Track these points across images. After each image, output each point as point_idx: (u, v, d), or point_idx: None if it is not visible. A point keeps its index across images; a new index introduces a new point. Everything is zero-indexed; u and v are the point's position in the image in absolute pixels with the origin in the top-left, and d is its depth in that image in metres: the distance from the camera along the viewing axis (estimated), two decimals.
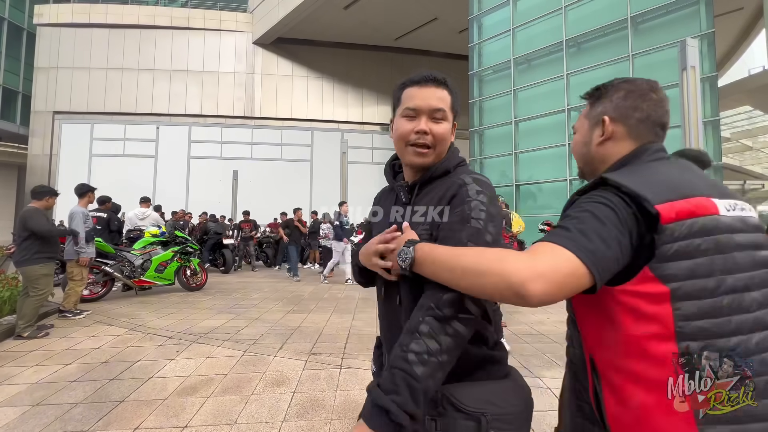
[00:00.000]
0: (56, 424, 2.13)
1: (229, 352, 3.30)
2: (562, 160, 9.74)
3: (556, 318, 4.70)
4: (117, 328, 4.05)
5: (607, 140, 0.81)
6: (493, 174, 11.58)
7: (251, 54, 16.70)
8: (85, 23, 16.15)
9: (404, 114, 0.87)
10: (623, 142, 0.80)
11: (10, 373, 2.86)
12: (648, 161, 0.76)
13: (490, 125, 11.53)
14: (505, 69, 11.10)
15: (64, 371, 2.90)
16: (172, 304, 5.32)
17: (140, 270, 5.82)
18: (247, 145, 16.27)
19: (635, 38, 8.67)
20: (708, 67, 7.67)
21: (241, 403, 2.36)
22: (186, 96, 16.29)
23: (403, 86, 0.92)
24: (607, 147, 0.81)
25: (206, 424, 2.12)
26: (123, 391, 2.53)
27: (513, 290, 0.58)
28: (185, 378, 2.76)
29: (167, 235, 6.37)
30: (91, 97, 15.97)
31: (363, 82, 17.35)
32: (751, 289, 0.63)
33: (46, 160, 15.63)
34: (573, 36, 9.66)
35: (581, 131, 0.88)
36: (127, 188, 13.20)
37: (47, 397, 2.45)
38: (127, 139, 15.93)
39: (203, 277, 6.65)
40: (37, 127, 15.82)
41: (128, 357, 3.19)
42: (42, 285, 3.90)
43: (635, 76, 6.74)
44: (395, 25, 15.46)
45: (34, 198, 4.14)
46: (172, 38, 16.39)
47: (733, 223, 0.65)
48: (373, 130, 17.32)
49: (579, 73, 9.60)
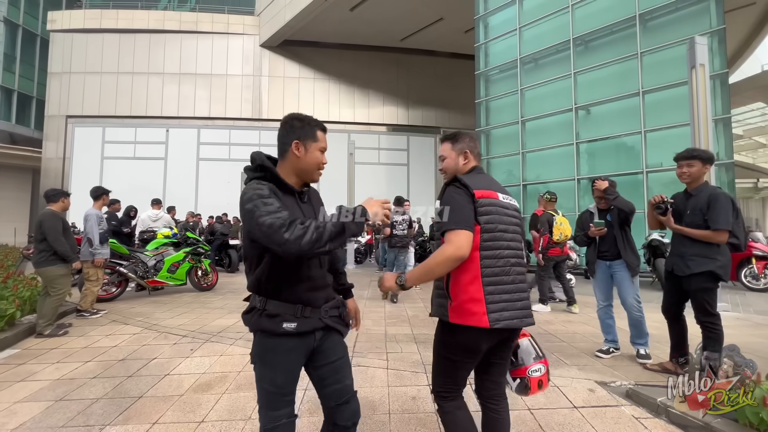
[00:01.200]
0: (79, 418, 2.21)
1: (241, 350, 3.38)
2: (569, 159, 9.68)
3: (563, 317, 4.71)
4: (133, 327, 4.16)
5: (467, 164, 1.55)
6: (501, 173, 11.54)
7: (258, 56, 16.87)
8: (97, 29, 16.46)
9: (320, 149, 1.37)
10: (471, 163, 1.55)
11: (33, 370, 2.97)
12: (476, 173, 1.53)
13: (496, 125, 11.49)
14: (512, 68, 11.06)
15: (83, 368, 3.00)
16: (184, 304, 5.44)
17: (153, 270, 5.95)
18: (255, 147, 16.36)
19: (644, 36, 8.58)
20: (719, 64, 7.56)
21: (254, 400, 2.42)
22: (195, 99, 16.52)
23: (316, 126, 1.38)
24: (465, 167, 1.55)
25: (222, 419, 2.19)
26: (141, 388, 2.61)
27: (454, 259, 1.30)
28: (200, 375, 2.84)
29: (179, 237, 6.50)
30: (103, 101, 16.27)
31: (369, 83, 17.42)
32: (508, 231, 1.42)
33: (59, 163, 15.97)
34: (580, 34, 9.59)
35: (451, 157, 1.57)
36: (138, 190, 13.42)
37: (69, 393, 2.55)
38: (137, 141, 16.21)
39: (214, 277, 6.77)
40: (51, 131, 16.17)
41: (144, 355, 3.28)
42: (60, 285, 4.02)
43: (644, 74, 6.70)
44: (401, 25, 15.49)
45: (49, 201, 4.24)
46: (181, 42, 16.64)
47: (503, 202, 1.45)
48: (379, 131, 17.38)
49: (586, 71, 9.53)
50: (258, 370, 1.29)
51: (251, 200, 1.19)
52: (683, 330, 2.84)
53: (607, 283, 3.28)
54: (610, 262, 3.23)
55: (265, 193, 1.21)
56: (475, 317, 1.29)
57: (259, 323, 1.27)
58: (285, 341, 1.27)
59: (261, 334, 1.28)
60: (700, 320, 2.61)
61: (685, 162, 2.73)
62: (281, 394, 1.27)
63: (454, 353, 1.40)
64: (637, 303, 3.11)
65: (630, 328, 3.17)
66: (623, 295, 3.16)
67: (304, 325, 1.28)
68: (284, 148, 1.36)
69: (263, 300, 1.27)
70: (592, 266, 3.36)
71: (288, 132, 1.35)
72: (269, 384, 1.26)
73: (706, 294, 2.58)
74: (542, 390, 1.52)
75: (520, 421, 2.14)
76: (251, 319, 1.29)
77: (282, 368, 1.27)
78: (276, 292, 1.27)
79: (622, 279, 3.15)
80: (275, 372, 1.26)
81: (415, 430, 2.07)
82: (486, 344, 1.36)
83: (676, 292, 2.78)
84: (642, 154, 8.46)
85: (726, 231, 2.50)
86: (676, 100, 8.00)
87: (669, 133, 8.16)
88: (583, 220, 3.50)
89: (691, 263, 2.58)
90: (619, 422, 2.13)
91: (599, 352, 3.25)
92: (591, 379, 2.71)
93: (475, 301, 1.30)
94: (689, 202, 2.70)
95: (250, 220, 1.17)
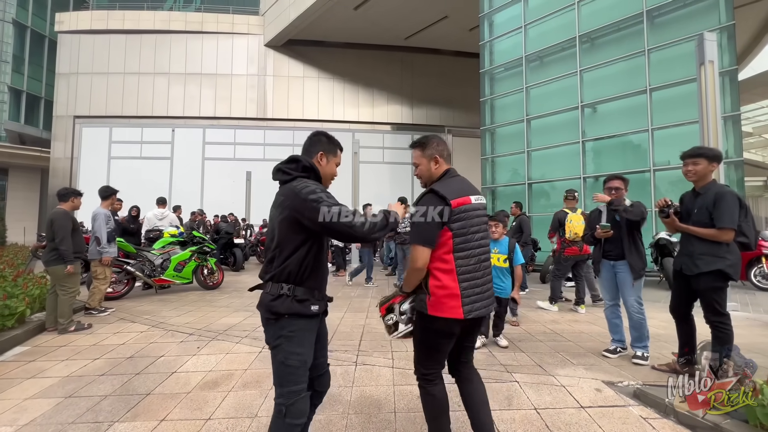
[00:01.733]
0: (88, 414, 2.24)
1: (247, 348, 3.40)
2: (575, 157, 9.59)
3: (570, 317, 4.67)
4: (140, 325, 4.20)
5: (438, 167, 1.70)
6: (505, 172, 11.48)
7: (263, 56, 16.91)
8: (103, 29, 16.60)
9: (336, 163, 1.68)
10: (442, 167, 1.70)
11: (43, 367, 3.01)
12: (450, 177, 1.68)
13: (501, 123, 11.43)
14: (517, 66, 10.98)
15: (92, 365, 3.03)
16: (190, 302, 5.48)
17: (160, 269, 6.00)
18: (260, 147, 16.50)
19: (651, 33, 8.47)
20: (728, 61, 7.45)
21: (260, 398, 2.44)
22: (200, 99, 16.61)
23: (338, 146, 1.70)
24: (437, 171, 1.70)
25: (228, 416, 2.21)
26: (148, 385, 2.64)
27: (415, 271, 1.55)
28: (207, 373, 2.86)
29: (185, 236, 6.55)
30: (110, 102, 16.41)
31: (373, 82, 17.38)
32: (479, 231, 1.62)
33: (67, 163, 16.14)
34: (586, 32, 9.50)
35: (423, 164, 1.72)
36: (145, 189, 13.52)
37: (78, 390, 2.58)
38: (144, 141, 16.33)
39: (220, 276, 6.81)
40: (59, 131, 16.33)
41: (152, 352, 3.31)
42: (70, 284, 4.06)
43: (651, 71, 6.62)
44: (405, 24, 15.43)
45: (60, 200, 4.31)
46: (186, 42, 16.72)
47: (474, 204, 1.62)
48: (384, 130, 17.35)
49: (593, 69, 9.44)
50: (284, 350, 1.45)
51: (315, 192, 1.42)
52: (692, 330, 2.81)
53: (612, 282, 3.25)
54: (614, 262, 3.20)
55: (325, 189, 1.49)
56: (452, 310, 1.53)
57: (291, 307, 1.45)
58: (310, 322, 1.50)
59: (291, 317, 1.45)
60: (710, 320, 2.58)
61: (690, 160, 2.70)
62: (304, 368, 1.48)
63: (434, 339, 1.62)
64: (638, 305, 3.08)
65: (630, 330, 3.14)
66: (624, 296, 3.14)
67: (322, 307, 1.55)
68: (309, 156, 1.60)
69: (291, 287, 1.46)
70: (597, 265, 3.36)
71: (315, 144, 1.63)
72: (296, 359, 1.45)
73: (715, 293, 2.55)
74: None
75: (527, 421, 2.13)
76: (283, 304, 1.45)
77: (308, 344, 1.49)
78: (303, 280, 1.48)
79: (623, 280, 3.13)
80: (303, 347, 1.47)
81: (420, 428, 2.06)
82: (458, 330, 1.60)
83: (685, 291, 2.75)
84: (649, 152, 8.37)
85: (731, 229, 2.46)
86: (684, 97, 7.90)
87: (677, 131, 8.06)
88: (592, 219, 3.47)
89: (699, 262, 2.55)
90: (626, 422, 2.11)
91: (606, 351, 3.22)
92: (598, 379, 2.69)
93: (452, 296, 1.53)
94: (697, 201, 2.67)
95: (315, 208, 1.39)
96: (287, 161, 1.57)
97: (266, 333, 1.51)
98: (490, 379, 2.70)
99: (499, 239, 3.58)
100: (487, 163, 11.78)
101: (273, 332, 1.47)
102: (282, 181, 1.55)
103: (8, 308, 3.68)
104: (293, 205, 1.44)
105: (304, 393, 1.47)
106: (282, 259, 1.47)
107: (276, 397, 1.46)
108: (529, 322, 4.34)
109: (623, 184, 3.25)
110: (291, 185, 1.49)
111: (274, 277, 1.48)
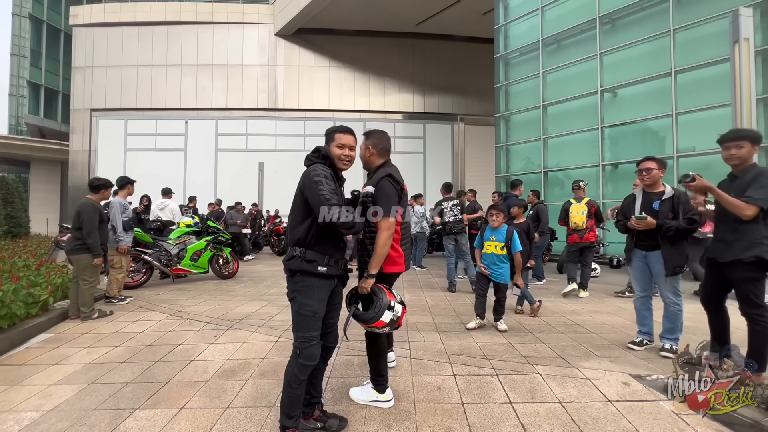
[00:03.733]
0: (110, 401, 2.26)
1: (263, 337, 3.40)
2: (593, 145, 9.29)
3: (590, 307, 4.55)
4: (158, 314, 4.26)
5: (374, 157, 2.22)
6: (520, 161, 11.22)
7: (273, 46, 16.78)
8: (116, 22, 16.70)
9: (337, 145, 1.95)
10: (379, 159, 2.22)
11: (66, 354, 3.07)
12: (390, 166, 2.19)
13: (516, 110, 11.13)
14: (533, 50, 10.62)
15: (113, 353, 3.08)
16: (207, 291, 5.54)
17: (176, 259, 6.08)
18: (272, 137, 16.51)
19: (677, 11, 8.04)
20: (762, 39, 7.02)
21: (278, 387, 2.42)
22: (212, 90, 16.64)
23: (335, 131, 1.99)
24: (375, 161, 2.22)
25: (247, 405, 2.20)
26: (168, 373, 2.66)
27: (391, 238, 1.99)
28: (224, 361, 2.86)
29: (200, 226, 6.60)
30: (124, 94, 16.59)
31: (384, 70, 17.11)
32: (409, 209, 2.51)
33: (85, 156, 16.46)
34: (607, 12, 9.09)
35: (367, 151, 2.21)
36: (160, 181, 13.66)
37: (100, 377, 2.61)
38: (158, 133, 16.50)
39: (235, 265, 6.87)
40: (77, 124, 16.63)
41: (170, 341, 3.35)
42: (90, 273, 4.13)
43: (677, 52, 6.32)
44: (417, 9, 15.05)
45: (91, 191, 4.36)
46: (197, 33, 16.70)
47: (405, 189, 2.21)
48: (395, 119, 17.13)
49: (614, 51, 9.05)
50: (298, 302, 1.78)
51: (318, 176, 1.76)
52: (725, 322, 2.66)
53: (644, 273, 3.08)
54: (646, 252, 3.01)
55: (328, 175, 1.80)
56: (399, 266, 2.16)
57: (301, 265, 1.77)
58: (318, 280, 1.79)
59: (301, 274, 1.77)
60: (746, 312, 2.43)
61: (733, 143, 2.50)
62: (315, 318, 1.79)
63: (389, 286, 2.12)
64: (675, 296, 2.92)
65: (663, 320, 3.00)
66: (660, 286, 2.97)
67: (331, 271, 1.82)
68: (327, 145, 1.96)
69: (303, 250, 1.78)
70: (628, 254, 3.16)
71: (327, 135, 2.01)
72: (307, 310, 1.77)
73: (751, 284, 2.39)
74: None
75: (551, 415, 2.06)
76: (294, 263, 1.78)
77: (316, 297, 1.79)
78: (312, 245, 1.78)
79: (658, 272, 2.94)
80: (312, 300, 1.78)
81: (441, 420, 2.02)
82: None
83: (718, 280, 2.60)
84: (673, 138, 8.03)
85: (757, 207, 2.26)
86: (712, 79, 7.51)
87: (703, 115, 7.70)
88: (625, 206, 3.21)
89: (735, 248, 2.39)
90: (657, 418, 2.02)
91: (632, 343, 3.10)
92: (625, 372, 2.60)
93: (399, 256, 2.16)
94: (733, 185, 2.50)
95: (314, 188, 1.72)
96: (313, 151, 1.93)
97: (287, 287, 1.86)
98: (512, 371, 2.63)
99: (498, 228, 3.69)
100: (502, 151, 11.53)
101: (290, 286, 1.82)
102: (306, 165, 1.91)
103: (32, 296, 3.77)
104: (302, 184, 1.79)
105: (316, 341, 1.79)
106: (293, 226, 1.83)
107: (294, 340, 1.79)
108: (549, 313, 4.24)
109: (657, 165, 3.00)
110: (307, 170, 1.84)
111: (290, 242, 1.83)
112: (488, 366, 2.72)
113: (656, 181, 3.01)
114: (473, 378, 2.53)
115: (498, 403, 2.19)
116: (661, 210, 2.92)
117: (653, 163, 3.01)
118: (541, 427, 1.95)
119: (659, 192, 3.01)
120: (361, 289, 2.00)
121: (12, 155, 25.43)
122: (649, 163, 3.02)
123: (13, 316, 3.38)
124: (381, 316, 1.95)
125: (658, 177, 3.01)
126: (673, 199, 2.92)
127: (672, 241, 2.86)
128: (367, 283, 1.99)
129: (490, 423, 1.99)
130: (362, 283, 2.00)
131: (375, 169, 2.18)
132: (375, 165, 2.19)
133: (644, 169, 3.02)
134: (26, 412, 2.15)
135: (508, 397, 2.26)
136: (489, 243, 3.70)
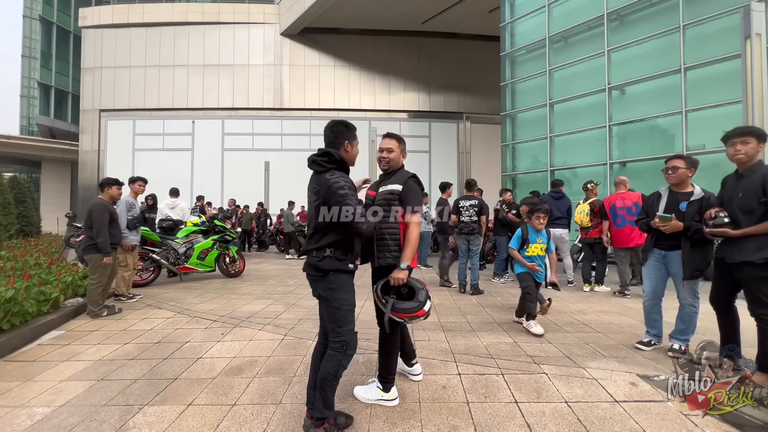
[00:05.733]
0: (119, 397, 2.30)
1: (270, 335, 3.43)
2: (601, 143, 9.19)
3: (597, 307, 4.52)
4: (166, 312, 4.31)
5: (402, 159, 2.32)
6: (526, 159, 11.14)
7: (279, 45, 16.85)
8: (124, 23, 16.90)
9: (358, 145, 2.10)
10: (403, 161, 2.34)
11: (77, 350, 3.12)
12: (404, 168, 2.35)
13: (523, 108, 11.04)
14: (540, 48, 10.53)
15: (122, 350, 3.12)
16: (214, 290, 5.59)
17: (184, 257, 6.14)
18: (277, 136, 16.60)
19: (687, 6, 7.91)
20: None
21: (284, 384, 2.44)
22: (219, 90, 16.77)
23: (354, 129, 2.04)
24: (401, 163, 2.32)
25: (253, 402, 2.22)
26: (176, 370, 2.69)
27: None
28: (231, 359, 2.89)
29: (207, 225, 6.67)
30: (132, 95, 16.79)
31: (390, 69, 17.09)
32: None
33: (95, 156, 16.69)
34: (615, 8, 8.97)
35: (397, 152, 2.27)
36: (168, 181, 13.81)
37: (110, 373, 2.65)
38: (165, 133, 16.68)
39: (241, 264, 6.93)
40: (86, 125, 16.87)
41: (178, 338, 3.38)
42: (97, 274, 4.16)
43: (686, 49, 6.23)
44: (422, 7, 15.01)
45: (100, 191, 4.43)
46: (204, 34, 16.83)
47: None
48: (400, 118, 17.10)
49: (622, 48, 8.93)
50: (337, 299, 1.87)
51: (343, 188, 1.80)
52: (734, 322, 2.62)
53: (659, 273, 2.97)
54: (665, 252, 2.89)
55: (352, 186, 1.87)
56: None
57: (335, 264, 1.86)
58: (349, 276, 1.92)
59: (336, 272, 1.86)
60: (755, 312, 2.40)
61: (739, 139, 2.47)
62: (353, 311, 1.92)
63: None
64: (693, 298, 2.82)
65: (677, 321, 2.93)
66: (678, 287, 2.87)
67: (355, 268, 1.94)
68: (336, 148, 1.95)
69: (332, 250, 1.86)
70: (645, 254, 3.04)
71: (338, 135, 1.96)
72: (347, 304, 1.89)
73: (761, 284, 2.36)
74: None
75: (557, 414, 2.05)
76: (327, 263, 1.86)
77: (351, 291, 1.94)
78: (341, 246, 1.87)
79: (676, 272, 2.85)
80: (350, 294, 1.92)
81: (446, 419, 2.02)
82: None
83: (727, 281, 2.57)
84: (682, 136, 7.91)
85: None
86: (722, 76, 7.38)
87: (713, 112, 7.57)
88: (649, 204, 3.04)
89: (744, 249, 2.36)
90: (665, 418, 2.00)
91: (639, 344, 3.06)
92: (632, 372, 2.57)
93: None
94: (740, 184, 2.46)
95: (340, 201, 1.79)
96: (320, 154, 1.91)
97: (315, 288, 1.94)
98: (517, 370, 2.63)
99: (541, 230, 3.74)
100: (508, 150, 11.45)
101: (322, 286, 1.89)
102: (317, 171, 1.92)
103: (44, 294, 3.84)
104: (326, 195, 1.82)
105: (356, 330, 1.94)
106: (321, 234, 1.88)
107: (336, 336, 1.87)
108: (555, 313, 4.21)
109: (685, 164, 2.84)
110: (325, 177, 1.85)
111: (318, 246, 1.87)
112: (494, 365, 2.72)
113: (683, 180, 2.87)
114: (478, 377, 2.52)
115: (503, 403, 2.18)
116: (688, 212, 2.76)
117: (681, 162, 2.87)
118: (546, 426, 1.94)
119: (687, 192, 2.85)
120: (397, 280, 2.03)
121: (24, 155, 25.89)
122: (677, 161, 2.88)
123: (25, 314, 3.45)
124: (424, 305, 2.02)
125: (685, 176, 2.86)
126: (702, 201, 2.73)
127: (695, 244, 2.73)
128: (404, 274, 2.03)
129: (496, 422, 1.98)
130: (398, 275, 2.03)
131: (396, 170, 2.28)
132: (399, 166, 2.30)
133: (671, 168, 2.89)
134: (38, 408, 2.19)
135: (513, 396, 2.26)
136: (536, 245, 3.65)
